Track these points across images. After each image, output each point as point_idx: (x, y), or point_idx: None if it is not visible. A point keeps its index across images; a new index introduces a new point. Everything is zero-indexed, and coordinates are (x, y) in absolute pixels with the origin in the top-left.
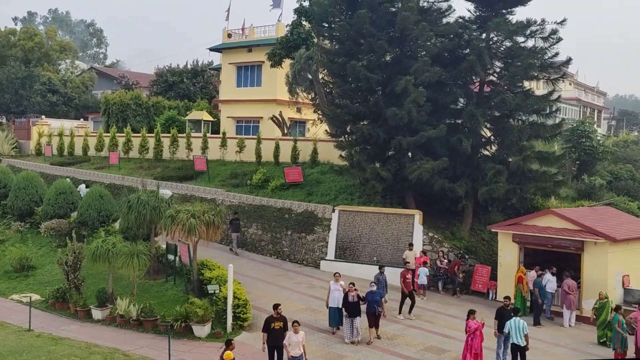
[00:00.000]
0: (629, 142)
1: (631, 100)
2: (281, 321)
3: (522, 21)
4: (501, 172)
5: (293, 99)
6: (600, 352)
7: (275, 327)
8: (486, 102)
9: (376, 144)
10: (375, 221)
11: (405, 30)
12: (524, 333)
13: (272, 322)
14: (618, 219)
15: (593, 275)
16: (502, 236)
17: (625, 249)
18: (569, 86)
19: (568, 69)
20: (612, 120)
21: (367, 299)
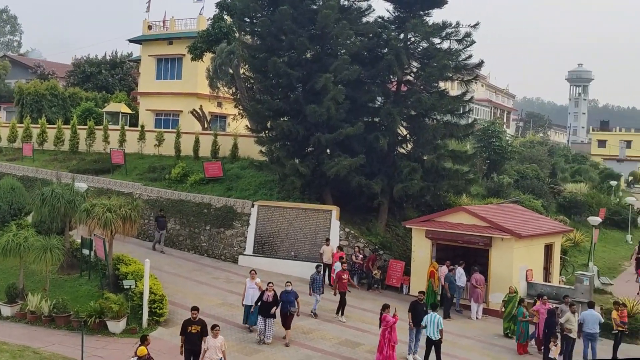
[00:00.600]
0: (535, 142)
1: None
2: (199, 325)
3: (438, 23)
4: (416, 170)
5: (214, 93)
6: (505, 343)
7: (192, 331)
8: (403, 101)
9: (296, 140)
10: (293, 216)
11: (325, 28)
12: (439, 328)
13: (189, 326)
14: (523, 216)
15: (499, 270)
16: (416, 232)
17: (529, 245)
18: (481, 88)
19: (480, 71)
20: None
21: (281, 298)
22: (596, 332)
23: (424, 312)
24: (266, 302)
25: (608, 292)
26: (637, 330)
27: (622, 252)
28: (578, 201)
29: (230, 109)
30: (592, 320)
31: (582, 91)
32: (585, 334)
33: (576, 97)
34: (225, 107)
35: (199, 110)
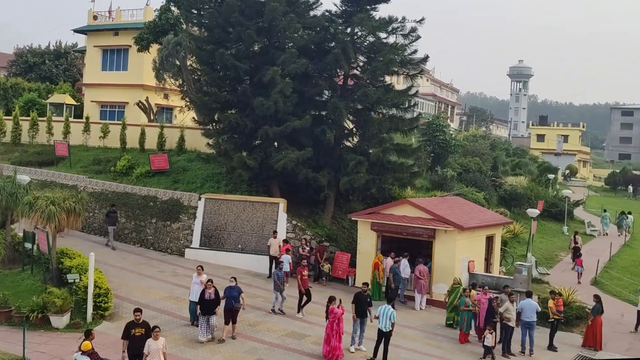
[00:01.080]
0: (478, 136)
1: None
2: (143, 327)
3: (384, 18)
4: (362, 163)
5: (160, 85)
6: (447, 332)
7: (136, 334)
8: (349, 95)
9: (243, 133)
10: (240, 209)
11: (273, 21)
12: (391, 321)
13: (132, 329)
14: (466, 208)
15: (443, 261)
16: (361, 224)
17: (471, 237)
18: (426, 82)
19: (425, 66)
20: (463, 116)
21: (225, 294)
22: (533, 321)
23: (368, 303)
24: (208, 300)
25: (545, 281)
26: (572, 318)
27: (558, 242)
28: (518, 194)
29: (177, 101)
30: (530, 309)
31: (522, 87)
32: (523, 322)
33: (517, 93)
34: (172, 99)
35: (145, 102)
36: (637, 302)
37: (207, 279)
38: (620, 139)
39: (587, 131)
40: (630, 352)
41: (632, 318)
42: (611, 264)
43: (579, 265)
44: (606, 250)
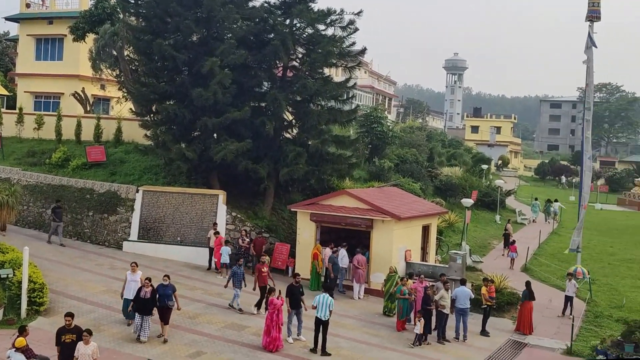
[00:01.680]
0: (415, 128)
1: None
2: (74, 333)
3: (323, 10)
4: (301, 154)
5: (97, 76)
6: (385, 321)
7: (67, 340)
8: (289, 87)
9: (182, 124)
10: (179, 201)
11: (212, 11)
12: (329, 309)
13: (63, 335)
14: (403, 198)
15: (380, 251)
16: (300, 215)
17: (408, 226)
18: (364, 74)
19: (363, 58)
20: (400, 108)
21: (157, 292)
22: (467, 307)
23: (301, 294)
24: (144, 298)
25: (479, 269)
26: (504, 304)
27: (491, 231)
28: (453, 184)
29: (114, 92)
30: (464, 296)
31: (457, 79)
32: (457, 309)
33: (452, 85)
34: (109, 89)
35: (81, 93)
36: (564, 287)
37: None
38: (549, 130)
39: (518, 123)
40: (557, 335)
41: (560, 303)
42: (540, 251)
43: (512, 251)
44: (536, 238)
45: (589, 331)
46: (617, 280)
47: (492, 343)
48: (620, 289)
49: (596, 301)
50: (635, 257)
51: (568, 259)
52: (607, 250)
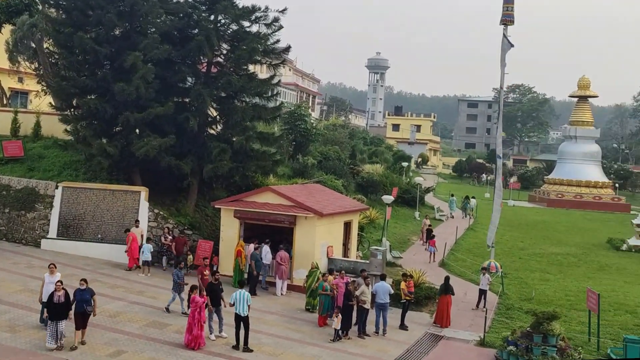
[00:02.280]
0: (337, 125)
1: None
2: None
3: (247, 7)
4: (225, 151)
5: (14, 68)
6: (307, 316)
7: None
8: (213, 83)
9: (103, 119)
10: (100, 198)
11: (135, 5)
12: (247, 304)
13: None
14: (325, 195)
15: (303, 247)
16: (224, 212)
17: (330, 222)
18: (288, 72)
19: (288, 56)
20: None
21: (75, 297)
22: (386, 302)
23: (221, 291)
24: (57, 303)
25: (398, 264)
26: (422, 298)
27: (411, 227)
28: (374, 181)
29: (33, 85)
30: (383, 292)
31: (379, 78)
32: (377, 304)
33: (374, 84)
34: (27, 82)
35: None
36: (479, 281)
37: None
38: (466, 129)
39: (437, 122)
40: (472, 327)
41: (474, 296)
42: (457, 247)
43: (432, 245)
44: (453, 234)
45: (500, 323)
46: (527, 274)
47: (410, 336)
48: (530, 282)
49: (508, 294)
50: (544, 251)
51: (483, 253)
52: (518, 245)
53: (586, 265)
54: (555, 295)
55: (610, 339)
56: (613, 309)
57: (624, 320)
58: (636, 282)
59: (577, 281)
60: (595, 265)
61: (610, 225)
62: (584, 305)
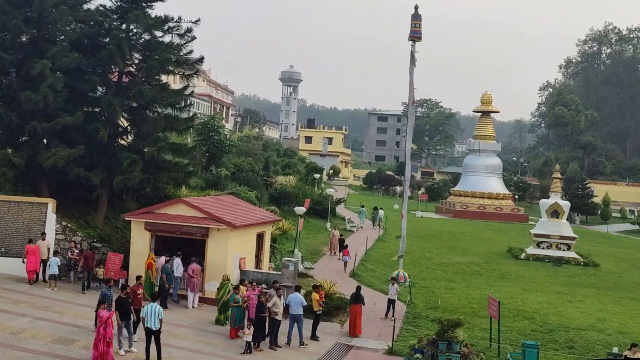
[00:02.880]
0: (251, 137)
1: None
2: None
3: (160, 16)
4: (136, 162)
5: None
6: (218, 329)
7: None
8: (124, 93)
9: (8, 129)
10: (4, 210)
11: (43, 11)
12: (159, 318)
13: None
14: (238, 207)
15: (215, 259)
16: (135, 224)
17: (243, 234)
18: (202, 82)
19: (202, 66)
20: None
21: None
22: (300, 314)
23: (131, 304)
24: None
25: (310, 275)
26: (333, 309)
27: (322, 238)
28: (287, 192)
29: None
30: (296, 303)
31: (292, 91)
32: (290, 315)
33: (288, 96)
34: None
35: None
36: (388, 291)
37: None
38: (376, 141)
39: (349, 134)
40: (381, 336)
41: (384, 306)
42: (367, 257)
43: (346, 255)
44: (363, 244)
45: (408, 331)
46: (433, 283)
47: (321, 347)
48: (436, 291)
49: (415, 303)
50: (449, 261)
51: (392, 263)
52: (425, 255)
53: (488, 274)
54: (460, 303)
55: (510, 344)
56: (512, 315)
57: (523, 326)
58: (533, 289)
59: (479, 289)
60: (497, 273)
61: (510, 234)
62: (486, 312)
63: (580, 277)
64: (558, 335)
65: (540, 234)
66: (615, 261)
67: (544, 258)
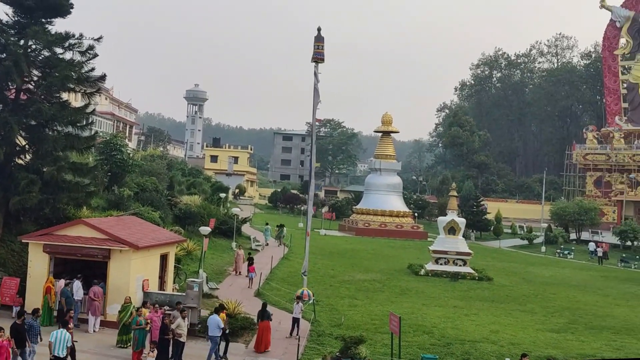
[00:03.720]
0: (155, 156)
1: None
2: None
3: (61, 33)
4: (35, 182)
5: None
6: (120, 353)
7: None
8: (22, 110)
9: None
10: None
11: None
12: (67, 345)
13: None
14: (142, 227)
15: (118, 281)
16: (32, 247)
17: (146, 255)
18: (104, 100)
19: (104, 84)
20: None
21: None
22: (217, 336)
23: (25, 331)
24: None
25: (215, 296)
26: (238, 329)
27: (227, 258)
28: (192, 212)
29: None
30: (214, 324)
31: (198, 110)
32: (210, 337)
33: (193, 115)
34: None
35: None
36: (292, 309)
37: None
38: (281, 161)
39: (254, 153)
40: (286, 355)
41: (289, 324)
42: (272, 276)
43: (251, 271)
44: (268, 263)
45: (312, 349)
46: (337, 300)
47: None
48: (340, 309)
49: (319, 321)
50: (352, 278)
51: (297, 282)
52: (329, 273)
53: (389, 290)
54: (362, 320)
55: (410, 359)
56: (412, 330)
57: (422, 341)
58: (432, 304)
59: (381, 305)
60: (398, 289)
61: (411, 251)
62: (388, 328)
63: (475, 291)
64: (455, 348)
65: (438, 250)
66: (507, 275)
67: (442, 273)
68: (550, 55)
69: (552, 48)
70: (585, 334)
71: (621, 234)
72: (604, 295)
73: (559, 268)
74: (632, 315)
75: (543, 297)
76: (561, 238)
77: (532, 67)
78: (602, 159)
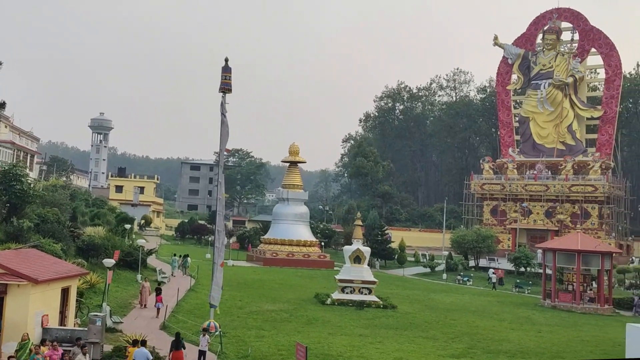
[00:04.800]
0: (58, 186)
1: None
2: None
3: None
4: None
5: None
6: None
7: None
8: None
9: None
10: None
11: None
12: None
13: None
14: (42, 260)
15: (15, 317)
16: None
17: (46, 289)
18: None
19: (4, 112)
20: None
21: None
22: None
23: None
24: None
25: (119, 330)
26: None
27: (132, 290)
28: (96, 244)
29: None
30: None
31: (103, 138)
32: None
33: (98, 144)
34: None
35: None
36: (199, 342)
37: None
38: (189, 191)
39: (161, 183)
40: None
41: (194, 358)
42: (178, 308)
43: (159, 301)
44: (174, 295)
45: None
46: (244, 332)
47: None
48: (247, 340)
49: (226, 353)
50: (260, 308)
51: (203, 314)
52: (236, 304)
53: (297, 320)
54: (269, 351)
55: None
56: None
57: None
58: (339, 332)
59: (288, 335)
60: (305, 319)
61: (318, 280)
62: (295, 358)
63: (380, 319)
64: None
65: (344, 279)
66: (410, 302)
67: (348, 302)
68: (449, 89)
69: (450, 82)
70: (483, 358)
71: (515, 260)
72: (500, 320)
73: (459, 294)
74: (525, 338)
75: (444, 323)
76: (461, 265)
77: (433, 100)
78: (497, 189)
